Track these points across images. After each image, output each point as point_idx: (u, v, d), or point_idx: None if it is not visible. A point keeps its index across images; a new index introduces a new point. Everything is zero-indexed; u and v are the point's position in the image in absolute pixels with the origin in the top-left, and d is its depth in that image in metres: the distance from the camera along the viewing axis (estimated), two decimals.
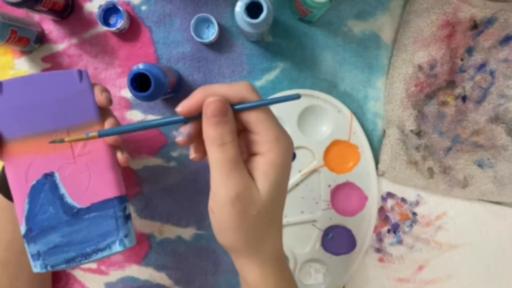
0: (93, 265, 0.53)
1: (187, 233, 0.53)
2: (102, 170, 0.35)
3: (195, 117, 0.26)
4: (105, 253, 0.34)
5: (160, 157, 0.52)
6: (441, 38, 0.49)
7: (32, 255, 0.33)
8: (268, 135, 0.26)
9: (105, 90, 0.36)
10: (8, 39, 0.43)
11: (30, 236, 0.33)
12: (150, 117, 0.51)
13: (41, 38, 0.50)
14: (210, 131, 0.25)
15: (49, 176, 0.34)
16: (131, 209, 0.52)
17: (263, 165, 0.26)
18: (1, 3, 0.44)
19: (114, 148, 0.36)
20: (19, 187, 0.33)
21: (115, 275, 0.53)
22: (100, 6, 0.48)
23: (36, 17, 0.50)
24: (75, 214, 0.34)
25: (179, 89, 0.50)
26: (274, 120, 0.26)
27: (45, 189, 0.33)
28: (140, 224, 0.52)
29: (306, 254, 0.51)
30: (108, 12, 0.49)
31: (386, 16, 0.51)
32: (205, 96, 0.25)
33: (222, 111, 0.25)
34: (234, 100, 0.26)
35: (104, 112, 0.36)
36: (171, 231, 0.53)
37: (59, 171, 0.34)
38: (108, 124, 0.35)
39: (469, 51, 0.49)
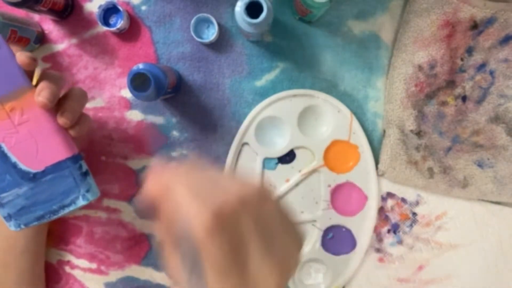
0: (93, 265, 0.53)
1: None
2: (46, 135, 0.36)
3: None
4: (71, 208, 0.37)
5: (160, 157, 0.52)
6: (441, 38, 0.49)
7: (5, 217, 0.37)
8: None
9: (26, 52, 0.34)
10: (8, 39, 0.43)
11: None
12: (150, 117, 0.51)
13: (41, 38, 0.50)
14: None
15: None
16: (131, 210, 0.52)
17: None
18: (1, 3, 0.44)
19: (52, 111, 0.36)
20: None
21: (115, 275, 0.53)
22: (100, 6, 0.48)
23: (36, 17, 0.50)
24: (32, 178, 0.36)
25: (179, 89, 0.50)
26: None
27: None
28: (140, 224, 0.52)
29: (306, 254, 0.51)
30: (108, 12, 0.49)
31: (386, 16, 0.51)
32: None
33: None
34: None
35: (40, 78, 0.35)
36: None
37: (4, 141, 0.35)
38: (39, 89, 0.34)
39: (469, 51, 0.49)
